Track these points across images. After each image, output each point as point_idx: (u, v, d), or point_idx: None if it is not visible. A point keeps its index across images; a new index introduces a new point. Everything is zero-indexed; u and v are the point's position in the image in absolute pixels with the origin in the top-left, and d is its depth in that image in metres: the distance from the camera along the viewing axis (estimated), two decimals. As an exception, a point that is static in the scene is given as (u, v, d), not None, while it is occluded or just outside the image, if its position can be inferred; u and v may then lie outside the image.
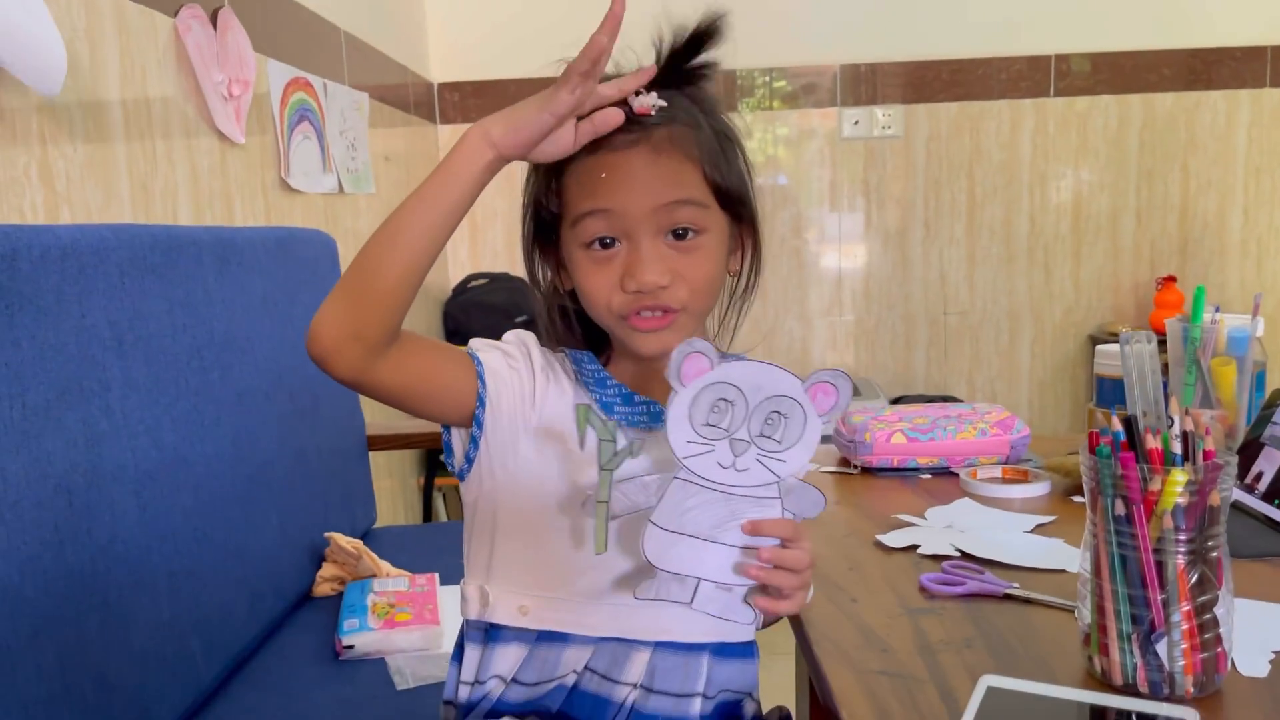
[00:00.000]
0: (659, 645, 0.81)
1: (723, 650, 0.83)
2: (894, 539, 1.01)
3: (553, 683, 0.81)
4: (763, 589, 0.74)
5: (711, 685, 0.82)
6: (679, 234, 0.79)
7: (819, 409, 0.72)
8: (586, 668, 0.81)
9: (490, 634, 0.83)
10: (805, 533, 0.76)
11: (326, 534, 1.51)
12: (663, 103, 0.78)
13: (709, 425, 0.72)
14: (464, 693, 0.84)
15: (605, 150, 0.78)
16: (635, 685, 0.80)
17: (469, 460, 0.82)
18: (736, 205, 0.83)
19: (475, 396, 0.79)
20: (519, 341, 0.84)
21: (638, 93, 0.79)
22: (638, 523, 0.75)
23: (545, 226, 0.84)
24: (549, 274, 0.86)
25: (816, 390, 0.72)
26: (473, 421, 0.80)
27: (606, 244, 0.79)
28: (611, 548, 0.76)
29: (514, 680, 0.82)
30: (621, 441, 0.77)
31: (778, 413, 0.72)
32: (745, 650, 0.84)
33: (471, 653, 0.84)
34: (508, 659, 0.82)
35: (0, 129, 1.09)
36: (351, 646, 1.27)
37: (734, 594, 0.75)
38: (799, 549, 0.75)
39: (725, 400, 0.71)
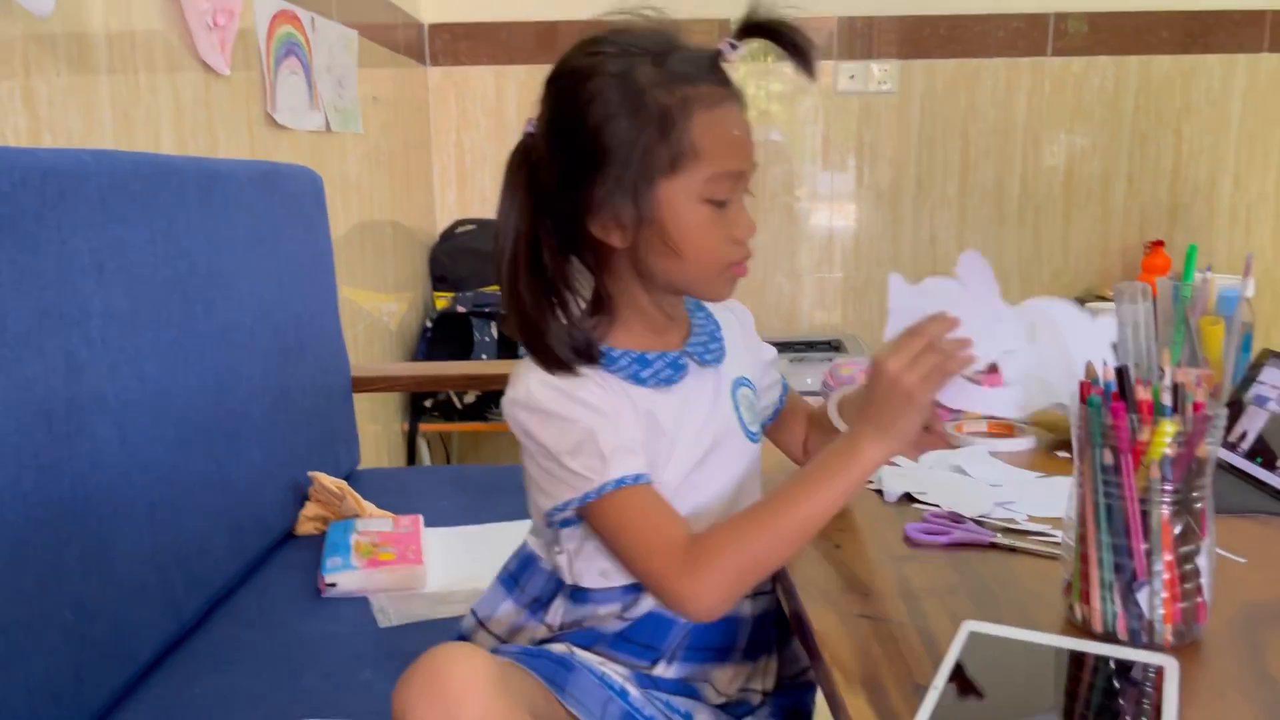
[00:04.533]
0: None
1: None
2: (892, 483, 1.01)
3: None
4: None
5: None
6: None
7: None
8: None
9: (576, 595, 0.87)
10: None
11: (310, 473, 1.50)
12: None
13: None
14: (520, 619, 0.90)
15: (728, 104, 0.81)
16: None
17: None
18: None
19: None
20: (587, 407, 0.82)
21: (732, 45, 0.81)
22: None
23: (631, 179, 0.79)
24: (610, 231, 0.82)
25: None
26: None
27: (721, 201, 0.81)
28: (697, 496, 0.84)
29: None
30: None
31: None
32: None
33: (558, 602, 0.88)
34: (599, 614, 0.86)
35: (-21, 49, 1.07)
36: (334, 584, 1.27)
37: None
38: None
39: None
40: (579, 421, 0.80)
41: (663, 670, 0.86)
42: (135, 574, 1.02)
